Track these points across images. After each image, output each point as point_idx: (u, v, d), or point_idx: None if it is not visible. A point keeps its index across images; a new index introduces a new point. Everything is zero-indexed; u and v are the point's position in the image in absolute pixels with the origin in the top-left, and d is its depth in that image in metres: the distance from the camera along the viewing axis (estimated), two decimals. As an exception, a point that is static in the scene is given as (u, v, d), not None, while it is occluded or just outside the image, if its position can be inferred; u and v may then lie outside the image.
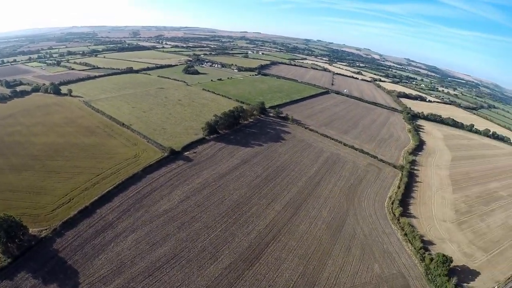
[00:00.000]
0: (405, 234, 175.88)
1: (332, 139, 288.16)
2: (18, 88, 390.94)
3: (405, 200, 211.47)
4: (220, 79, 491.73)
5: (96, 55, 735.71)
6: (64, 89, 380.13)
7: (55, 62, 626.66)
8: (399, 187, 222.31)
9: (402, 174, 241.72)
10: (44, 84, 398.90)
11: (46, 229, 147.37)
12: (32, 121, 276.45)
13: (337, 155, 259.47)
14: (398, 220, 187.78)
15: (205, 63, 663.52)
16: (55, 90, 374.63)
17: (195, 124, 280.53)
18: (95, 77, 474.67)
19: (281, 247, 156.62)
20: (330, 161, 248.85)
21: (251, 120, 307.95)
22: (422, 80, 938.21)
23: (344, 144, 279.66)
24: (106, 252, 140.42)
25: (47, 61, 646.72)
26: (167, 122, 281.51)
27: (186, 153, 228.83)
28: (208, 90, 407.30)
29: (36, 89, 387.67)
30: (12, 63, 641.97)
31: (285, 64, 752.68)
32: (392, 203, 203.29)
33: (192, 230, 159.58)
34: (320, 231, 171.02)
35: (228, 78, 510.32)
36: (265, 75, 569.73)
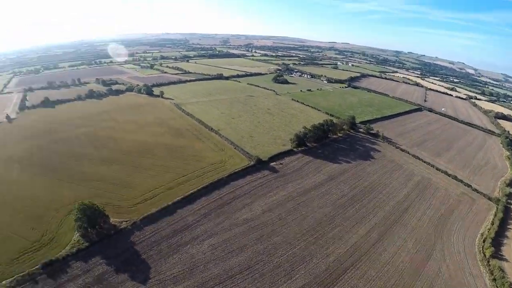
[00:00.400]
0: (494, 279, 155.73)
1: (424, 161, 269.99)
2: (114, 87, 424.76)
3: (497, 239, 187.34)
4: (309, 90, 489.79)
5: (187, 61, 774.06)
6: (156, 90, 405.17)
7: (149, 65, 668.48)
8: (492, 223, 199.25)
9: (497, 208, 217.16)
10: (137, 85, 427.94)
11: (126, 221, 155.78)
12: (125, 118, 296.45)
13: (429, 180, 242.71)
14: (488, 262, 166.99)
15: (294, 73, 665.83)
16: (148, 91, 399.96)
17: (283, 134, 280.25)
18: (186, 81, 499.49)
19: (359, 275, 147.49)
20: (420, 186, 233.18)
21: (340, 134, 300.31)
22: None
23: (437, 169, 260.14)
24: (180, 252, 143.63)
25: (141, 64, 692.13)
26: (255, 131, 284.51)
27: (272, 164, 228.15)
28: (297, 101, 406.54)
29: (130, 89, 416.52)
30: (108, 64, 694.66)
31: (376, 77, 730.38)
32: (484, 241, 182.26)
33: (270, 243, 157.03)
34: (403, 263, 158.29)
35: (317, 89, 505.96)
36: (355, 87, 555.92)
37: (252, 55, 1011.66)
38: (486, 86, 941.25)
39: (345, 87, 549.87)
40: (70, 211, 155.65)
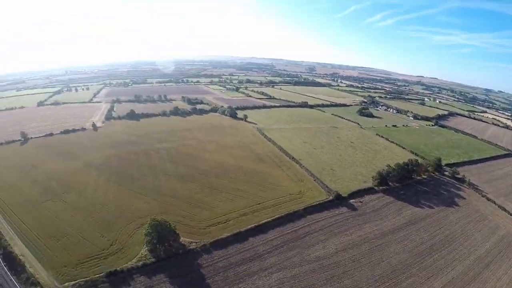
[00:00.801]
0: None
1: (511, 214, 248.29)
2: (198, 106, 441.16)
3: None
4: (394, 126, 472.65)
5: (272, 86, 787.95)
6: (240, 113, 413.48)
7: (234, 87, 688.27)
8: None
9: None
10: (222, 106, 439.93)
11: (196, 242, 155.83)
12: (207, 138, 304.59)
13: None
14: None
15: (380, 106, 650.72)
16: (232, 113, 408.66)
17: (365, 170, 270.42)
18: (270, 106, 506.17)
19: None
20: (505, 241, 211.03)
21: (425, 176, 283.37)
22: None
23: None
24: (247, 282, 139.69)
25: (226, 86, 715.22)
26: (337, 164, 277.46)
27: (351, 201, 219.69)
28: (381, 136, 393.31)
29: (214, 110, 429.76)
30: (195, 83, 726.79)
31: (464, 116, 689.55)
32: None
33: (340, 286, 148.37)
34: None
35: (403, 125, 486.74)
36: (442, 126, 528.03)
37: (338, 85, 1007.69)
38: None
39: (432, 125, 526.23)
40: (142, 224, 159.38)
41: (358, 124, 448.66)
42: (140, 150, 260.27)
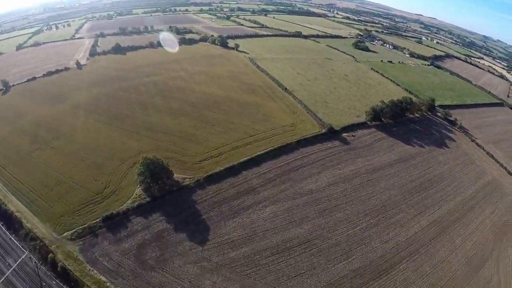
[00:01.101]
0: None
1: (498, 162, 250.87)
2: (187, 36, 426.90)
3: None
4: (390, 62, 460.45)
5: (265, 15, 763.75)
6: (231, 43, 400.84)
7: (225, 16, 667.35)
8: None
9: None
10: (212, 36, 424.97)
11: (190, 178, 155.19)
12: (196, 69, 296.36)
13: (499, 183, 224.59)
14: None
15: (376, 41, 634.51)
16: (222, 42, 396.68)
17: (358, 105, 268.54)
18: (262, 35, 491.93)
19: (413, 268, 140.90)
20: (489, 187, 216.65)
21: (417, 115, 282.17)
22: None
23: (509, 172, 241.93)
24: (241, 216, 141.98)
25: (217, 14, 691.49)
26: (330, 96, 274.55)
27: (344, 134, 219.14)
28: (376, 71, 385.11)
29: (203, 39, 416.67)
30: (184, 12, 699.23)
31: (460, 59, 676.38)
32: None
33: (332, 219, 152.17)
34: (457, 264, 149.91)
35: (398, 62, 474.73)
36: (438, 67, 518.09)
37: (334, 16, 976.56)
38: None
39: (428, 64, 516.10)
40: (134, 163, 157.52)
41: (353, 57, 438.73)
42: (128, 85, 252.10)
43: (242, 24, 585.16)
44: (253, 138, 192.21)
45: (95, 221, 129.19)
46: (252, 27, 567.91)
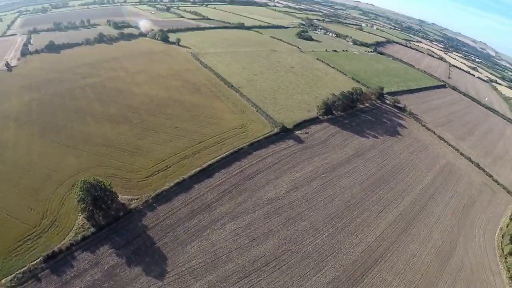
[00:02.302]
0: (511, 277, 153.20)
1: (449, 144, 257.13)
2: (126, 31, 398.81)
3: None
4: (335, 50, 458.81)
5: (206, 5, 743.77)
6: (172, 37, 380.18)
7: (165, 7, 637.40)
8: (511, 219, 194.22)
9: None
10: (152, 30, 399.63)
11: (137, 199, 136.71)
12: (136, 68, 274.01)
13: (453, 166, 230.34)
14: (506, 258, 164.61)
15: (319, 30, 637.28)
16: (163, 37, 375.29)
17: (308, 98, 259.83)
18: (204, 28, 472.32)
19: (388, 267, 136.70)
20: (445, 171, 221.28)
21: (367, 104, 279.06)
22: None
23: (461, 154, 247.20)
24: (200, 239, 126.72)
25: (156, 5, 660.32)
26: (279, 91, 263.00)
27: (297, 132, 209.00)
28: (322, 61, 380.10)
29: (143, 34, 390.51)
30: (122, 4, 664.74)
31: (401, 44, 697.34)
32: (502, 237, 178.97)
33: (297, 229, 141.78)
34: (429, 256, 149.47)
35: (343, 50, 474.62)
36: (380, 53, 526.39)
37: (275, 5, 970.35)
38: (506, 71, 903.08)
39: (371, 51, 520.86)
40: (73, 185, 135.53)
41: (298, 47, 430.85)
42: (63, 89, 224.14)
43: (183, 16, 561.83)
44: (202, 145, 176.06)
45: (35, 261, 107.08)
46: (193, 19, 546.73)
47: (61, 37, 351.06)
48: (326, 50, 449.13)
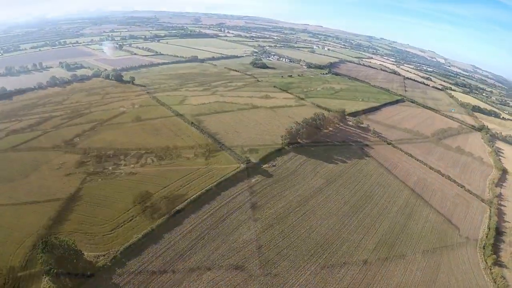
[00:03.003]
0: None
1: (417, 159, 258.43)
2: (78, 72, 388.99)
3: (495, 244, 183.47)
4: (290, 76, 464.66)
5: (158, 41, 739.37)
6: (126, 75, 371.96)
7: (117, 45, 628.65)
8: (489, 228, 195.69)
9: (490, 211, 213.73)
10: (105, 70, 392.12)
11: (104, 255, 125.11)
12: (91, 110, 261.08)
13: (425, 181, 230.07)
14: (491, 270, 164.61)
15: (272, 56, 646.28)
16: (117, 76, 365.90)
17: (271, 128, 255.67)
18: (158, 64, 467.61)
19: None
20: (418, 188, 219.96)
21: (331, 129, 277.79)
22: (491, 91, 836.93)
23: (430, 168, 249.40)
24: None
25: (109, 44, 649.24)
26: (240, 124, 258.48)
27: (264, 166, 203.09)
28: (280, 88, 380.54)
29: (96, 74, 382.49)
30: (74, 45, 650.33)
31: (354, 63, 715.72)
32: (484, 248, 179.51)
33: (279, 271, 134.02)
34: (416, 279, 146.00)
35: (298, 75, 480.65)
36: (336, 74, 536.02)
37: (226, 35, 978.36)
38: (458, 76, 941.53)
39: (326, 73, 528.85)
40: (34, 244, 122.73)
41: (254, 77, 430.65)
42: (19, 139, 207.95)
43: (135, 53, 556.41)
44: (167, 189, 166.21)
45: None
46: (146, 55, 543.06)
47: (13, 82, 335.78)
48: (282, 76, 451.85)
